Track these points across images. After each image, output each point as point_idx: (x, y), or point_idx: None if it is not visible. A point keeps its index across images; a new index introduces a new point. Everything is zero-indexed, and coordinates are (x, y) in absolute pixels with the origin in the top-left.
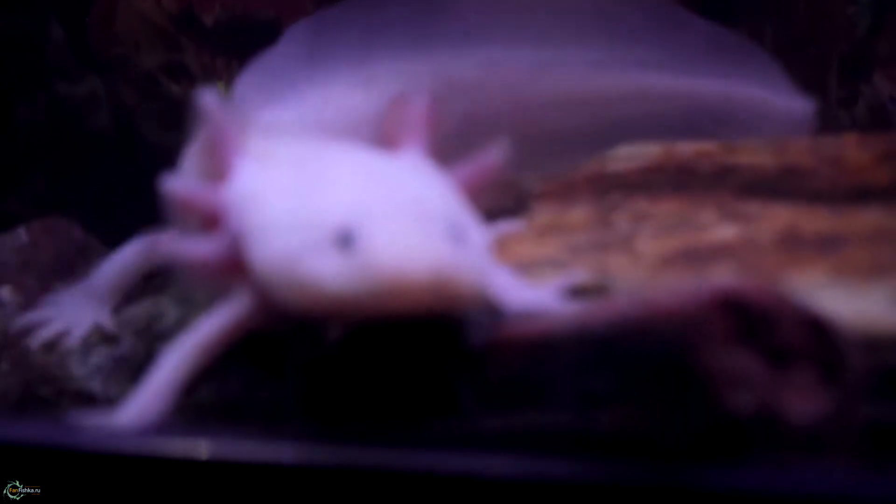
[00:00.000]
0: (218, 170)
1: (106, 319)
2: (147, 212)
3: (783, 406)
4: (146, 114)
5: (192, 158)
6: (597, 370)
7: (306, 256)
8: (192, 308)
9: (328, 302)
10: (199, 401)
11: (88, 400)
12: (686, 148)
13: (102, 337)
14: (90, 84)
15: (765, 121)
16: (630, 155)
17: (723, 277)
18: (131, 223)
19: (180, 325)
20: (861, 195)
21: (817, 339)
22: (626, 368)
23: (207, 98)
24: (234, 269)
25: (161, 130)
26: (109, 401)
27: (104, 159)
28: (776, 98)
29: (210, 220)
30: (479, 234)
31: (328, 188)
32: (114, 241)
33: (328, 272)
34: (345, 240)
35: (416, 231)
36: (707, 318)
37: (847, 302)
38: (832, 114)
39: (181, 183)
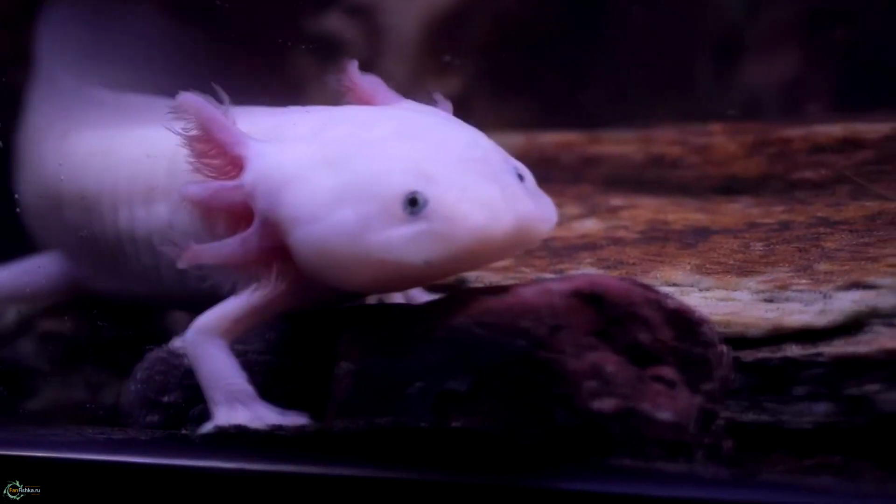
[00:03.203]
0: (220, 164)
1: None
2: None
3: (644, 405)
4: None
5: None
6: (453, 368)
7: (372, 229)
8: None
9: (405, 271)
10: (43, 403)
11: None
12: (549, 138)
13: None
14: None
15: None
16: None
17: (584, 272)
18: None
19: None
20: (729, 186)
21: (680, 335)
22: (483, 365)
23: (187, 97)
24: (267, 256)
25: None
26: None
27: None
28: None
29: (234, 215)
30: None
31: (372, 153)
32: None
33: (401, 241)
34: (413, 204)
35: (486, 184)
36: (566, 314)
37: (711, 297)
38: (702, 100)
39: (196, 185)
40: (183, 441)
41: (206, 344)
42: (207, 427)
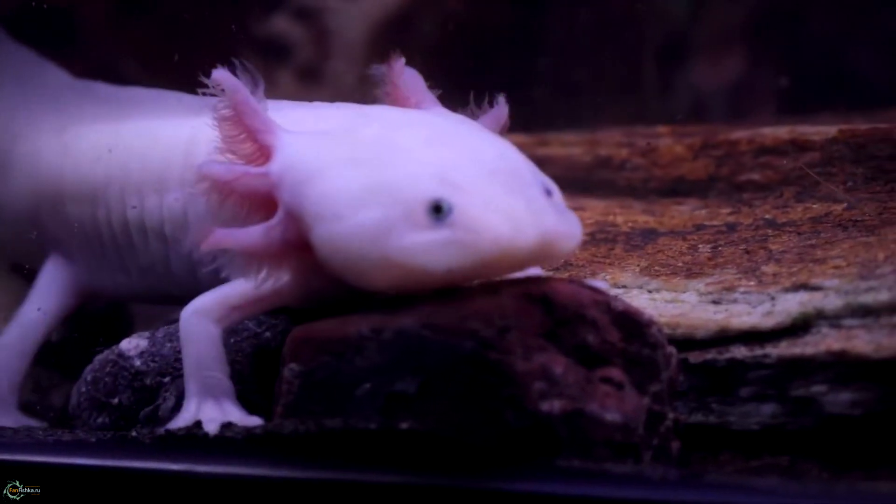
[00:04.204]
0: (248, 149)
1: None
2: None
3: (592, 407)
4: None
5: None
6: (401, 369)
7: (395, 232)
8: None
9: (426, 277)
10: None
11: None
12: None
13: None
14: None
15: None
16: None
17: (532, 274)
18: None
19: None
20: (676, 188)
21: (628, 337)
22: (432, 367)
23: (222, 74)
24: (290, 249)
25: None
26: None
27: None
28: None
29: (255, 203)
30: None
31: (400, 157)
32: None
33: (423, 247)
34: (437, 211)
35: (512, 196)
36: (515, 316)
37: (659, 299)
38: (648, 103)
39: (220, 164)
40: (131, 443)
41: (199, 327)
42: (160, 430)
